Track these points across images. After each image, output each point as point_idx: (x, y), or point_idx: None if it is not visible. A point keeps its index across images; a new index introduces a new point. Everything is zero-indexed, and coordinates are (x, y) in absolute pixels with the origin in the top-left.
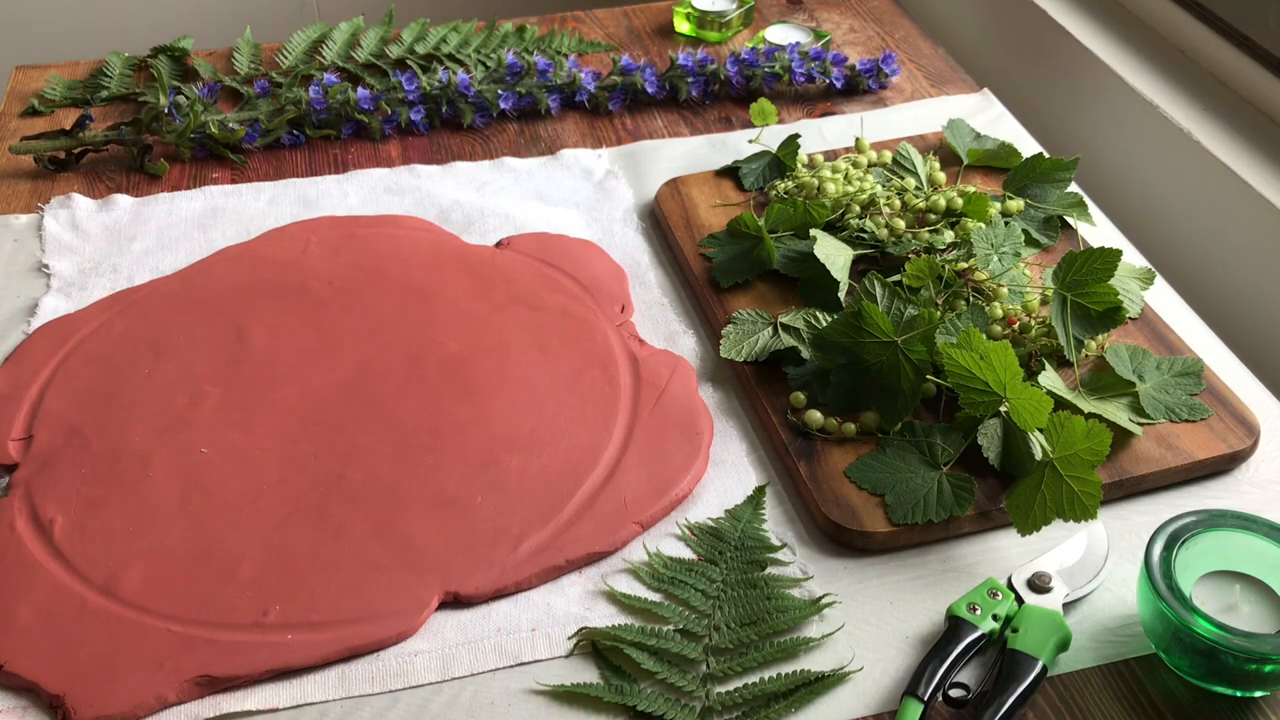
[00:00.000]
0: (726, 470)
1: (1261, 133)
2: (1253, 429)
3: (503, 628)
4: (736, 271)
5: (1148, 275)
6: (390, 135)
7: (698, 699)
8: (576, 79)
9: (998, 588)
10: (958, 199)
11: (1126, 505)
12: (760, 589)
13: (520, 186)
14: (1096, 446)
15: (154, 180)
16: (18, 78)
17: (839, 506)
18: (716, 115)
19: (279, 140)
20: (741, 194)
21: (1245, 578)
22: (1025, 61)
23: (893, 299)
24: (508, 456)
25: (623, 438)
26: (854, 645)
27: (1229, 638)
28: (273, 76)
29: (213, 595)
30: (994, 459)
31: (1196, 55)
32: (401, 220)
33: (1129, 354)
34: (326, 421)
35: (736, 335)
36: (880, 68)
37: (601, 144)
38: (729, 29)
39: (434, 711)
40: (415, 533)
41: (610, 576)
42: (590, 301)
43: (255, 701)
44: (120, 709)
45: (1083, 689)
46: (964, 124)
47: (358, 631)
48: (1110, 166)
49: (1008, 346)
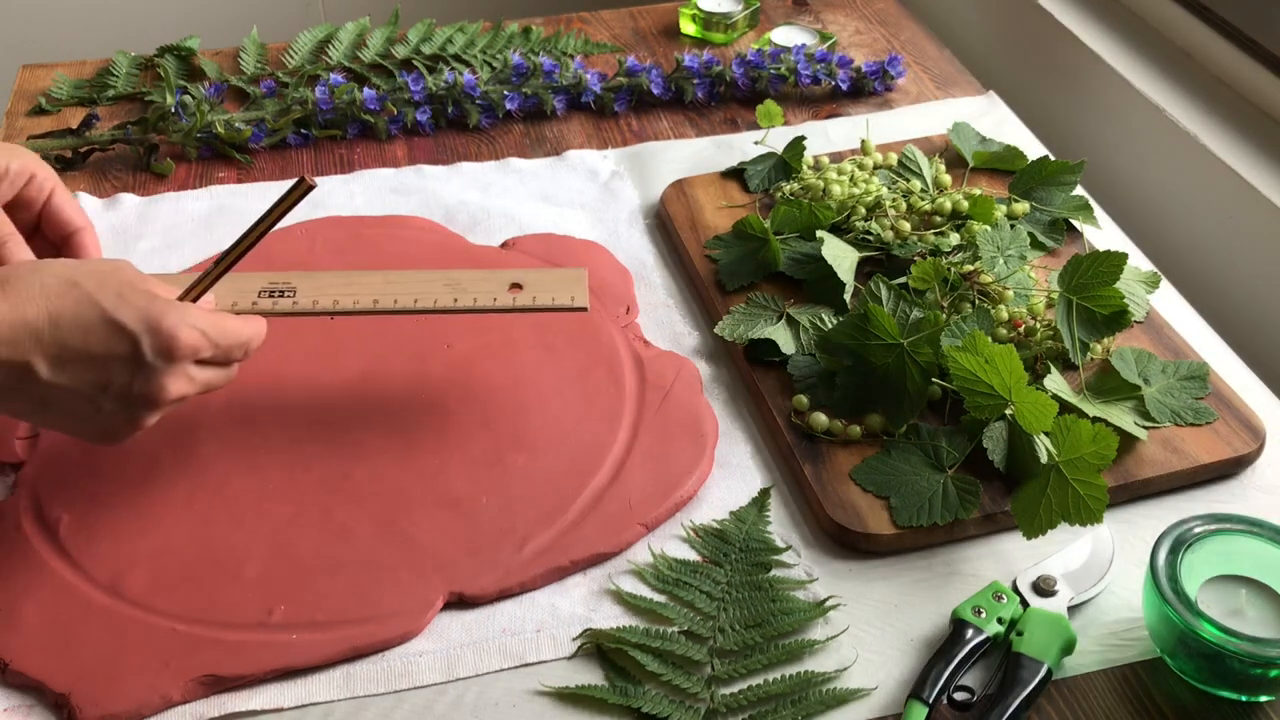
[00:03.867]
0: (731, 472)
1: (1267, 136)
2: (1258, 433)
3: (507, 628)
4: (742, 273)
5: (1153, 279)
6: (396, 135)
7: (702, 701)
8: (582, 80)
9: (1003, 591)
10: (963, 201)
11: (1132, 509)
12: (765, 591)
13: (526, 187)
14: (1102, 450)
15: (160, 180)
16: (24, 76)
17: (844, 509)
18: (722, 117)
19: (285, 140)
20: (747, 195)
21: (1251, 582)
22: (1031, 64)
23: (898, 301)
24: (513, 457)
25: (627, 439)
26: (858, 648)
27: (1234, 642)
28: (279, 76)
29: (218, 595)
30: (999, 462)
31: (1202, 58)
32: (407, 220)
33: (1134, 357)
34: (332, 421)
35: (735, 319)
36: (886, 70)
37: (607, 145)
38: (734, 30)
39: (438, 712)
40: (420, 533)
41: (615, 577)
42: (595, 302)
43: (260, 701)
44: (125, 708)
45: (1087, 692)
46: (969, 127)
47: (362, 631)
48: (1116, 169)
49: (1013, 350)
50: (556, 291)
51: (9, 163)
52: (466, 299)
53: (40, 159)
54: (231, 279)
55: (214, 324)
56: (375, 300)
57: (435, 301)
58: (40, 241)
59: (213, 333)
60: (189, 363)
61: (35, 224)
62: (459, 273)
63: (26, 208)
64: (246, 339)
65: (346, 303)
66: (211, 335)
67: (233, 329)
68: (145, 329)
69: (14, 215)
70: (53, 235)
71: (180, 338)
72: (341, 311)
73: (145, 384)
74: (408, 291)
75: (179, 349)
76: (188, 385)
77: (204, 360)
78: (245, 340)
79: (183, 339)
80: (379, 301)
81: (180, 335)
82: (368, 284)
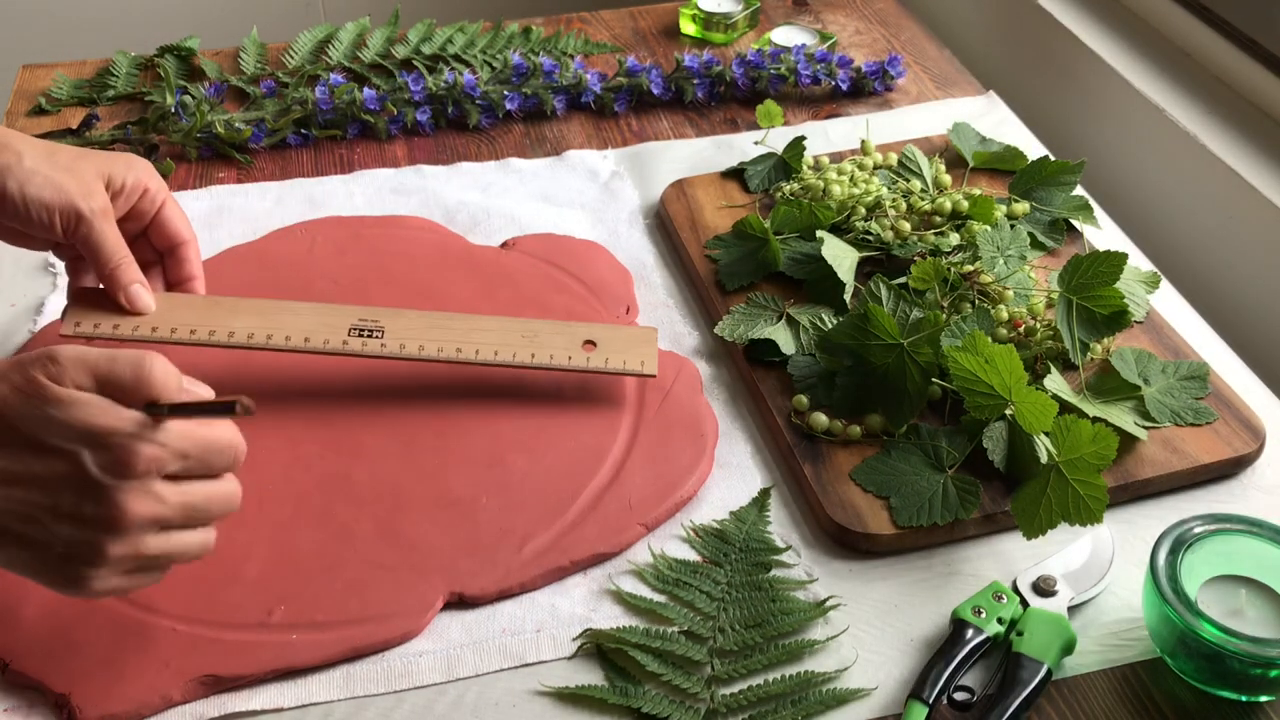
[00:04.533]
0: (731, 472)
1: (1267, 135)
2: (1258, 433)
3: (507, 629)
4: (742, 273)
5: (1153, 279)
6: (396, 135)
7: (702, 701)
8: (582, 80)
9: (1003, 591)
10: (963, 201)
11: (1132, 509)
12: (765, 591)
13: (526, 187)
14: (1103, 450)
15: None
16: (24, 76)
17: (844, 509)
18: (722, 117)
19: (285, 140)
20: (747, 196)
21: (1251, 582)
22: (1031, 64)
23: (898, 302)
24: (513, 457)
25: (627, 439)
26: (858, 648)
27: (1234, 642)
28: (279, 76)
29: (218, 595)
30: (999, 462)
31: (1202, 58)
32: (407, 220)
33: (1134, 357)
34: (332, 421)
35: (735, 319)
36: (886, 70)
37: (607, 145)
38: (734, 30)
39: (438, 712)
40: (420, 533)
41: (615, 577)
42: (595, 303)
43: (260, 701)
44: (125, 708)
45: (1087, 693)
46: (969, 127)
47: (362, 632)
48: (1116, 169)
49: (1013, 350)
50: (628, 354)
51: (125, 176)
52: (543, 354)
53: (154, 170)
54: (320, 313)
55: (183, 431)
56: (459, 349)
57: (514, 355)
58: (144, 246)
59: (177, 441)
60: (153, 478)
61: (141, 232)
62: (537, 323)
63: (137, 219)
64: (228, 444)
65: (431, 350)
66: (175, 445)
67: (206, 435)
68: (85, 444)
69: (123, 224)
70: (159, 245)
71: (132, 450)
72: (426, 358)
73: (98, 506)
74: (488, 342)
75: (133, 464)
76: (156, 507)
77: (175, 476)
78: (227, 444)
79: (136, 450)
80: (461, 351)
81: (132, 447)
82: (451, 329)
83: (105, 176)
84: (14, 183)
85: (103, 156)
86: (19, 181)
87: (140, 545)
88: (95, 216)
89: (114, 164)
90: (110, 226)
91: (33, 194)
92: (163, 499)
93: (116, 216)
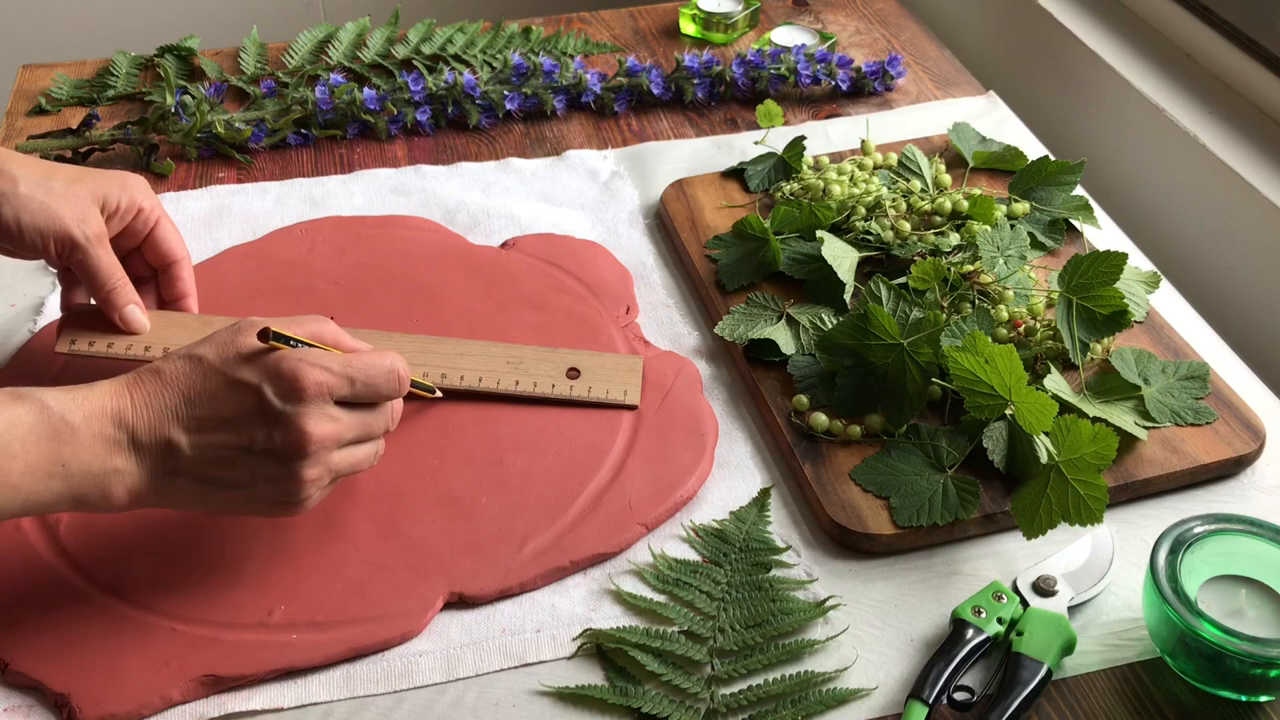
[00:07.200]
0: (731, 472)
1: (1267, 136)
2: (1258, 433)
3: (507, 629)
4: (742, 273)
5: (1153, 279)
6: (396, 135)
7: (702, 701)
8: (582, 80)
9: (1003, 591)
10: (963, 201)
11: (1132, 509)
12: (765, 591)
13: (526, 187)
14: (1103, 450)
15: (160, 180)
16: (24, 76)
17: (844, 509)
18: (722, 117)
19: (285, 140)
20: (747, 196)
21: (1251, 582)
22: (1031, 64)
23: (898, 302)
24: (512, 457)
25: (627, 439)
26: (858, 648)
27: (1235, 642)
28: (279, 76)
29: (218, 595)
30: (999, 462)
31: (1202, 58)
32: (407, 220)
33: (1134, 357)
34: None
35: (735, 319)
36: (886, 70)
37: (607, 145)
38: (734, 30)
39: (438, 712)
40: (420, 533)
41: (615, 577)
42: (595, 303)
43: (260, 701)
44: (125, 708)
45: (1087, 693)
46: (969, 127)
47: (362, 631)
48: (1116, 170)
49: (1013, 350)
50: (611, 383)
51: (120, 198)
52: (527, 381)
53: (149, 189)
54: None
55: (343, 360)
56: (444, 375)
57: (498, 383)
58: (138, 262)
59: (340, 367)
60: (326, 402)
61: (135, 248)
62: (521, 349)
63: (131, 237)
64: (387, 368)
65: (416, 375)
66: (338, 369)
67: (365, 359)
68: (265, 378)
69: (117, 242)
70: (153, 262)
71: (302, 375)
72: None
73: (285, 432)
74: (473, 368)
75: (304, 388)
76: (333, 426)
77: (346, 401)
78: (385, 369)
79: (306, 376)
80: (446, 377)
81: (301, 373)
82: (437, 353)
83: (100, 199)
84: (9, 210)
85: (98, 178)
86: (14, 209)
87: (328, 462)
88: (90, 243)
89: (109, 186)
90: (105, 251)
91: (28, 221)
92: (336, 419)
93: (111, 235)
